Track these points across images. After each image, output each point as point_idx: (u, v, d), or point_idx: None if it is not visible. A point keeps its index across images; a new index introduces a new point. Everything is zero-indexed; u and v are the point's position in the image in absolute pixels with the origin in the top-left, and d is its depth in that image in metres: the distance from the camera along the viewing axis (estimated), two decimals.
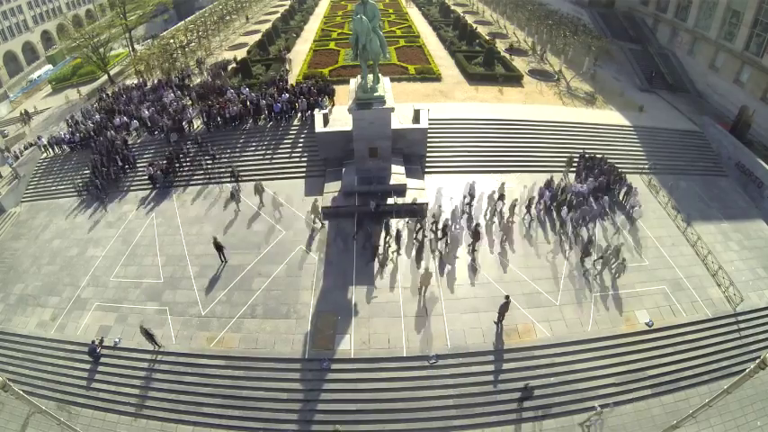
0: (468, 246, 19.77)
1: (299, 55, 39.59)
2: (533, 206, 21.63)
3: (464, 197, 22.01)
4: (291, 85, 29.99)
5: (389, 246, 20.14)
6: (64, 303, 19.07)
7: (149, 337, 16.45)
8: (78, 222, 23.91)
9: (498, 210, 21.65)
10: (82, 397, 16.05)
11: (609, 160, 24.40)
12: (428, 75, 33.79)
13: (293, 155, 26.19)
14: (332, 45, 41.13)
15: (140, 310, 18.35)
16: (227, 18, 54.31)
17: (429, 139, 25.18)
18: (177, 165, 25.76)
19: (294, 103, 27.98)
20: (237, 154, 26.44)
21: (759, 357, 11.53)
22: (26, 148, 29.88)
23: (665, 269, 19.41)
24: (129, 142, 28.15)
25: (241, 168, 25.48)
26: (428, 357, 15.92)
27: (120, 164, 26.37)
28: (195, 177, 25.60)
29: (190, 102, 30.21)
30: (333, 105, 28.09)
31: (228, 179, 24.84)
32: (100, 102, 33.54)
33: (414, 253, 19.92)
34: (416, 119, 24.58)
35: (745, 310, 17.82)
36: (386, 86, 22.04)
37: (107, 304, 18.60)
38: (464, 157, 25.55)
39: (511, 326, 16.85)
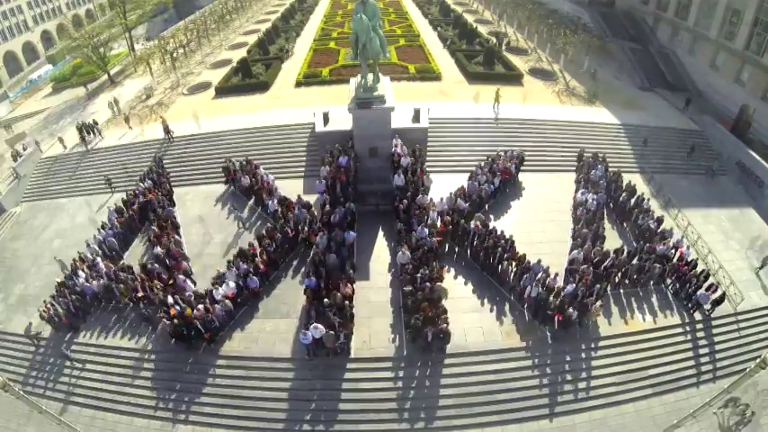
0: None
1: (299, 55, 39.53)
2: None
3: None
4: None
5: (390, 244, 20.08)
6: None
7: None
8: (79, 223, 23.89)
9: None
10: (82, 397, 16.05)
11: (609, 161, 24.34)
12: (428, 74, 33.70)
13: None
14: (332, 44, 41.09)
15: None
16: (228, 18, 54.30)
17: (429, 139, 25.13)
18: None
19: None
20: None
21: (759, 357, 11.55)
22: (25, 149, 29.80)
23: None
24: None
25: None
26: (429, 357, 15.89)
27: None
28: (197, 176, 25.58)
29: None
30: None
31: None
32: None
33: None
34: (416, 118, 24.49)
35: (745, 309, 17.77)
36: (386, 86, 22.00)
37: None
38: (464, 156, 25.47)
39: (511, 326, 16.86)
